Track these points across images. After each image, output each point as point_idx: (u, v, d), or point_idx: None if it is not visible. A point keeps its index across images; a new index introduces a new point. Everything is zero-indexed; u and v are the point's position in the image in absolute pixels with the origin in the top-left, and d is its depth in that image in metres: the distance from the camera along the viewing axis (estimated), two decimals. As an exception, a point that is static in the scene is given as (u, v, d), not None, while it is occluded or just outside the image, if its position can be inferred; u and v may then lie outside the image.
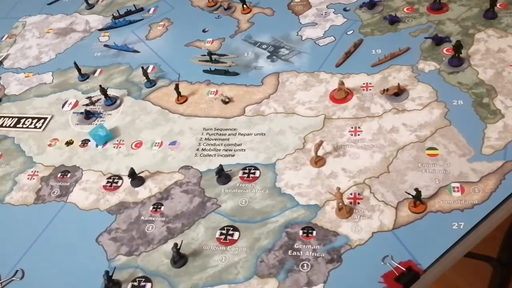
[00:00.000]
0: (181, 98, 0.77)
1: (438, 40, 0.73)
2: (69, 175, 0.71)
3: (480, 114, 0.63)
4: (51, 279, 0.60)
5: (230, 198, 0.62)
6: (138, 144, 0.73)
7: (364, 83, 0.71)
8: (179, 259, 0.57)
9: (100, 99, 0.82)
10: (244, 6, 0.91)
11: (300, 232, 0.57)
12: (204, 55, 0.83)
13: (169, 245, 0.58)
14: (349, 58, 0.76)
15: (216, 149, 0.69)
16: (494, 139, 0.60)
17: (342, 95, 0.70)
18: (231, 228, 0.59)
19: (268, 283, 0.53)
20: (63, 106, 0.83)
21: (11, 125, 0.82)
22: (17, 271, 0.61)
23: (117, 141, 0.74)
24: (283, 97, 0.73)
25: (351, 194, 0.59)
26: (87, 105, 0.82)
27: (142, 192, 0.66)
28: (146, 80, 0.81)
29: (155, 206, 0.64)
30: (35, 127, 0.81)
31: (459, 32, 0.75)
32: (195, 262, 0.57)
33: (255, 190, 0.62)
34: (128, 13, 0.99)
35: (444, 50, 0.73)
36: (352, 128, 0.66)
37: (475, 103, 0.65)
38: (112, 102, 0.80)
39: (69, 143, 0.76)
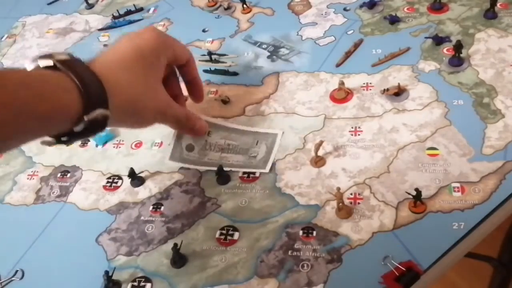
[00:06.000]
0: (181, 98, 0.77)
1: (439, 40, 0.73)
2: (69, 175, 0.71)
3: (481, 114, 0.63)
4: (51, 279, 0.60)
5: (230, 198, 0.62)
6: (138, 144, 0.73)
7: (364, 83, 0.71)
8: (179, 259, 0.57)
9: (100, 99, 0.81)
10: (244, 6, 0.91)
11: (300, 232, 0.57)
12: (204, 55, 0.83)
13: (169, 245, 0.58)
14: (349, 58, 0.76)
15: (216, 149, 0.69)
16: (495, 139, 0.60)
17: (342, 95, 0.70)
18: (231, 228, 0.59)
19: (268, 283, 0.53)
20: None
21: (11, 125, 0.82)
22: (17, 271, 0.61)
23: (117, 141, 0.74)
24: (283, 97, 0.73)
25: (351, 194, 0.59)
26: (87, 105, 0.82)
27: (142, 192, 0.66)
28: (146, 80, 0.81)
29: (155, 206, 0.64)
30: (35, 127, 0.81)
31: (460, 32, 0.75)
32: (195, 262, 0.57)
33: (255, 190, 0.62)
34: (128, 13, 0.99)
35: (445, 50, 0.73)
36: (352, 128, 0.66)
37: (476, 103, 0.65)
38: (112, 102, 0.80)
39: (69, 143, 0.76)
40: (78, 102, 0.48)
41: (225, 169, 0.64)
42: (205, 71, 0.81)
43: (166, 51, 0.60)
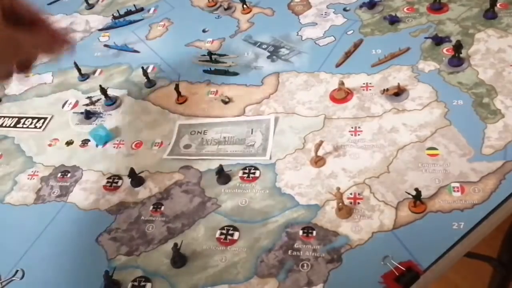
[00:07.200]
0: (181, 98, 0.77)
1: (438, 40, 0.73)
2: (69, 175, 0.71)
3: (480, 114, 0.63)
4: (51, 279, 0.60)
5: (230, 198, 0.62)
6: (138, 144, 0.73)
7: (364, 83, 0.71)
8: (179, 259, 0.57)
9: (100, 99, 0.82)
10: (244, 6, 0.91)
11: (300, 232, 0.57)
12: (204, 55, 0.83)
13: (169, 245, 0.58)
14: (349, 58, 0.76)
15: (216, 149, 0.69)
16: (494, 139, 0.60)
17: (342, 95, 0.70)
18: (231, 228, 0.59)
19: (268, 283, 0.53)
20: (63, 106, 0.83)
21: (11, 125, 0.83)
22: (17, 271, 0.61)
23: (117, 141, 0.74)
24: (283, 97, 0.73)
25: (351, 194, 0.59)
26: (87, 105, 0.82)
27: (142, 192, 0.66)
28: (146, 80, 0.81)
29: (155, 206, 0.64)
30: (35, 127, 0.81)
31: (459, 32, 0.75)
32: (195, 262, 0.57)
33: (255, 190, 0.62)
34: (128, 13, 0.99)
35: (444, 50, 0.73)
36: (352, 128, 0.66)
37: (475, 103, 0.65)
38: (112, 102, 0.80)
39: (69, 143, 0.76)
40: None
41: (226, 159, 0.64)
42: (205, 71, 0.81)
43: None
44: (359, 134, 0.65)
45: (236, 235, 0.59)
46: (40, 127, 0.81)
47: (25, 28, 0.55)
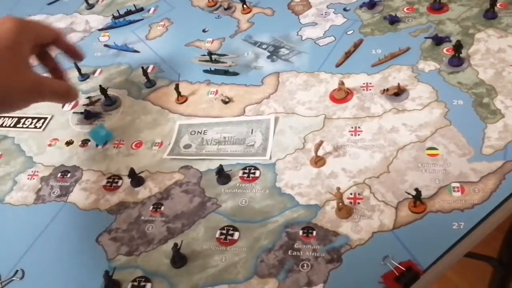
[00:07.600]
0: (181, 98, 0.77)
1: (438, 40, 0.73)
2: (69, 175, 0.71)
3: (480, 114, 0.63)
4: (51, 279, 0.60)
5: (230, 198, 0.62)
6: (138, 144, 0.73)
7: (364, 83, 0.71)
8: (179, 259, 0.57)
9: (100, 99, 0.82)
10: (244, 6, 0.91)
11: (300, 232, 0.57)
12: (204, 55, 0.83)
13: (169, 245, 0.58)
14: (349, 58, 0.76)
15: (216, 149, 0.69)
16: (494, 139, 0.60)
17: (342, 95, 0.70)
18: (231, 228, 0.59)
19: (268, 283, 0.53)
20: (63, 106, 0.83)
21: (11, 125, 0.83)
22: (17, 271, 0.61)
23: (117, 141, 0.74)
24: (283, 97, 0.73)
25: (351, 194, 0.59)
26: (87, 105, 0.82)
27: (142, 192, 0.66)
28: (146, 80, 0.81)
29: (155, 206, 0.64)
30: (35, 127, 0.81)
31: (459, 32, 0.75)
32: (195, 262, 0.57)
33: (255, 190, 0.62)
34: (128, 13, 0.99)
35: (444, 50, 0.73)
36: (352, 128, 0.66)
37: (475, 103, 0.65)
38: (112, 102, 0.80)
39: (69, 143, 0.76)
40: None
41: (226, 159, 0.64)
42: (205, 71, 0.81)
43: (27, 35, 0.59)
44: (359, 134, 0.65)
45: (236, 235, 0.59)
46: (40, 127, 0.81)
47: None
